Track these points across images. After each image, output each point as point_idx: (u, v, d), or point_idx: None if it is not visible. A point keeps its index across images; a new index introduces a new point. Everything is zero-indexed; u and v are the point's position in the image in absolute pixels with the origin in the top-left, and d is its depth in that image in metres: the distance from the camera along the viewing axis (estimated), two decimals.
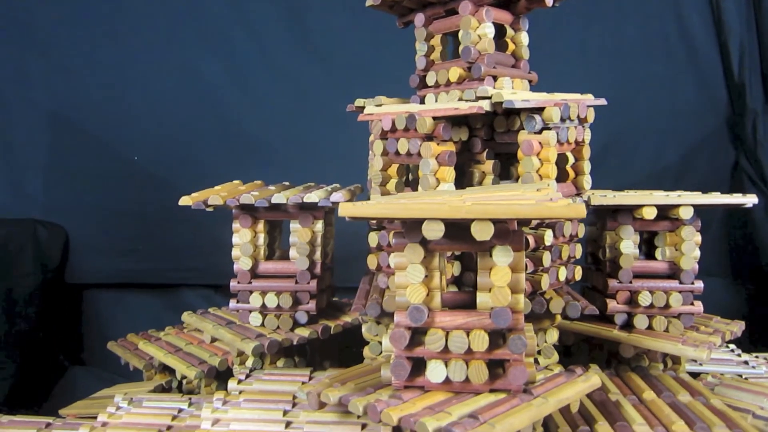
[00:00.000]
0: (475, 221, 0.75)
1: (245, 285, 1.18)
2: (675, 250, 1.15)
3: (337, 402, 0.87)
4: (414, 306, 0.83)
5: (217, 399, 1.01)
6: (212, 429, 0.92)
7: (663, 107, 2.25)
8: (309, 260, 1.16)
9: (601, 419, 0.91)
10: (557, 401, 0.83)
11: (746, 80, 2.16)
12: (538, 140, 1.01)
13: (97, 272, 2.13)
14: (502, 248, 0.80)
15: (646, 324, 1.13)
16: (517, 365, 0.82)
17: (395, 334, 0.83)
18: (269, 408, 0.97)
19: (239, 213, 1.17)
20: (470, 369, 0.82)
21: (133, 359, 1.54)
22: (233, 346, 1.13)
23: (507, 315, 0.81)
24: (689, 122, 2.24)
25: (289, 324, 1.17)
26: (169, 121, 2.14)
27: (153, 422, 1.07)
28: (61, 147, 2.13)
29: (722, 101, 2.24)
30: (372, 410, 0.81)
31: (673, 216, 1.13)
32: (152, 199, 2.13)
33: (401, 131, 1.07)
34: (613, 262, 1.16)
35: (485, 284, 0.83)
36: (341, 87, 2.13)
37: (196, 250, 2.14)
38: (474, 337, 0.82)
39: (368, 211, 0.75)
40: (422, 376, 0.85)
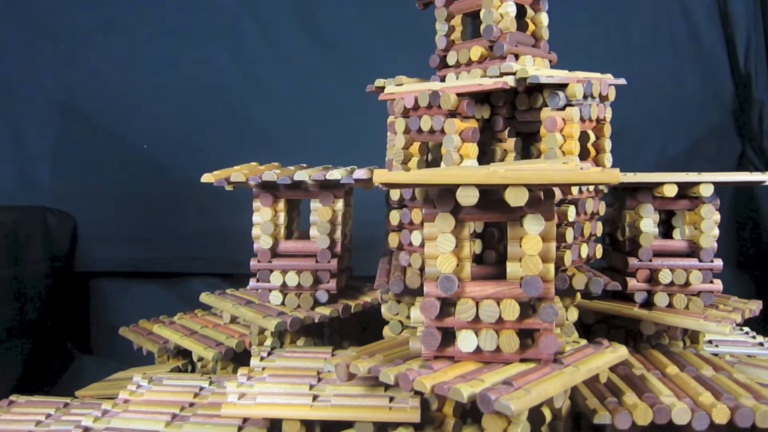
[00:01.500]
0: (509, 187, 0.75)
1: (265, 264, 1.17)
2: (694, 229, 1.15)
3: (367, 372, 0.87)
4: (445, 275, 0.83)
5: (241, 374, 1.01)
6: (239, 402, 0.91)
7: (669, 98, 2.26)
8: (329, 239, 1.16)
9: (628, 391, 0.91)
10: (588, 370, 0.83)
11: (752, 71, 2.17)
12: (562, 117, 1.01)
13: (105, 260, 2.12)
14: (533, 217, 0.80)
15: (667, 302, 1.14)
16: (547, 334, 0.82)
17: (426, 304, 0.83)
18: (295, 382, 0.97)
19: (260, 191, 1.17)
20: (501, 338, 0.83)
21: (147, 343, 1.53)
22: (255, 323, 1.13)
23: (538, 284, 0.81)
24: (695, 113, 2.25)
25: (310, 303, 1.17)
26: (178, 109, 2.14)
27: (175, 399, 1.07)
28: (69, 135, 2.12)
29: (728, 92, 2.25)
30: (404, 379, 0.81)
31: (692, 194, 1.14)
32: (161, 187, 2.13)
33: (424, 108, 1.07)
34: (633, 241, 1.16)
35: (515, 254, 0.83)
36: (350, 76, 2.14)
37: (204, 239, 2.14)
38: (504, 306, 0.82)
39: (403, 178, 0.75)
40: (452, 346, 0.85)
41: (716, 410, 0.87)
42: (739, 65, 2.19)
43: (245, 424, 0.99)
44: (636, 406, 0.87)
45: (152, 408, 1.03)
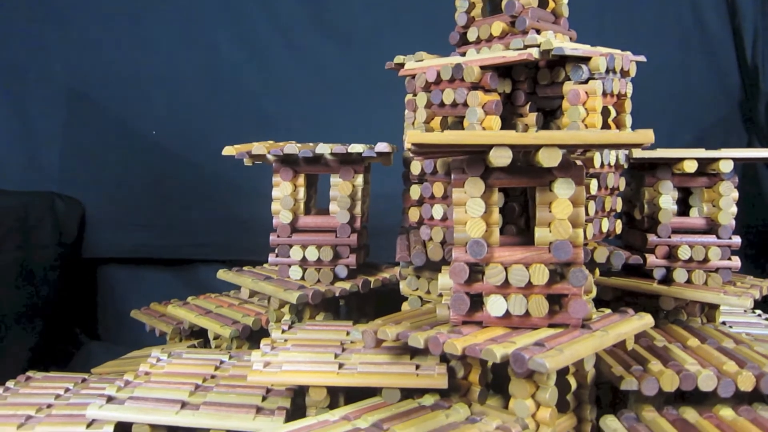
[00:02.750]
0: (543, 148, 0.75)
1: (285, 239, 1.18)
2: (712, 206, 1.16)
3: (395, 338, 0.87)
4: (474, 240, 0.83)
5: (264, 345, 1.00)
6: (264, 370, 0.91)
7: (676, 90, 2.27)
8: (349, 214, 1.16)
9: (653, 359, 0.92)
10: (617, 334, 0.83)
11: (759, 63, 2.19)
12: (585, 90, 1.01)
13: (113, 247, 2.11)
14: (564, 181, 0.81)
15: (686, 278, 1.14)
16: (576, 299, 0.83)
17: (455, 268, 0.84)
18: (319, 351, 0.97)
19: (280, 166, 1.17)
20: (530, 302, 0.83)
21: (160, 324, 1.53)
22: (275, 297, 1.13)
23: (568, 248, 0.81)
24: (702, 105, 2.26)
25: (330, 278, 1.17)
26: (186, 95, 2.14)
27: (196, 371, 1.07)
28: (78, 121, 2.12)
29: (735, 84, 2.26)
30: (434, 342, 0.81)
31: (711, 171, 1.14)
32: (169, 174, 2.13)
33: (446, 82, 1.07)
34: (652, 218, 1.17)
35: (544, 219, 0.83)
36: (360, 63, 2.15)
37: (212, 225, 2.13)
38: (534, 270, 0.82)
39: (437, 138, 0.75)
40: (480, 312, 0.86)
41: (741, 377, 0.87)
42: (746, 57, 2.20)
43: (269, 394, 0.99)
44: (662, 373, 0.87)
45: (174, 379, 1.03)
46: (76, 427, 0.96)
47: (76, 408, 1.03)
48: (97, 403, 0.94)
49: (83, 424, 0.97)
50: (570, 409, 0.91)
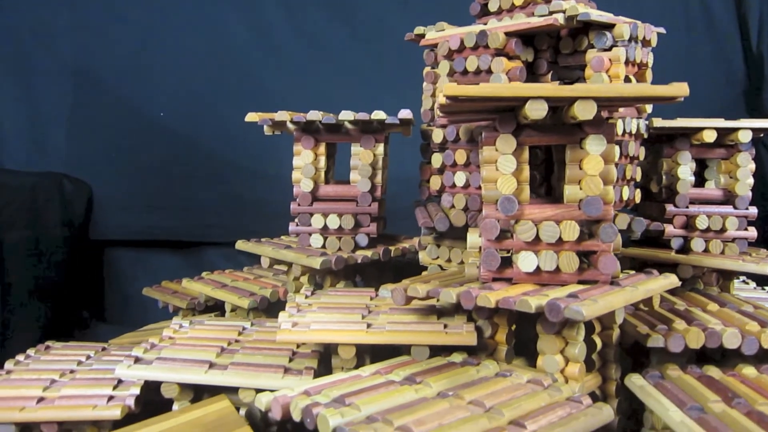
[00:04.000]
0: (578, 100, 0.76)
1: (306, 207, 1.18)
2: (729, 178, 1.17)
3: (425, 295, 0.88)
4: (505, 196, 0.84)
5: (291, 307, 1.01)
6: (293, 329, 0.92)
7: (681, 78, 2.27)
8: (370, 183, 1.17)
9: (677, 319, 0.93)
10: (646, 290, 0.84)
11: (764, 52, 2.21)
12: (608, 57, 1.03)
13: (120, 229, 2.11)
14: (595, 137, 0.82)
15: (703, 247, 1.16)
16: (606, 255, 0.84)
17: (487, 225, 0.84)
18: (346, 312, 0.97)
19: (301, 134, 1.17)
20: (561, 258, 0.84)
21: (174, 300, 1.53)
22: (297, 263, 1.13)
23: (598, 204, 0.82)
24: (707, 93, 2.28)
25: (351, 246, 1.17)
26: (194, 77, 2.14)
27: (220, 336, 1.07)
28: (85, 102, 2.11)
29: (740, 72, 2.28)
30: (466, 296, 0.82)
31: (729, 143, 1.16)
32: (176, 155, 2.13)
33: (470, 49, 1.08)
34: (669, 189, 1.18)
35: (575, 176, 0.84)
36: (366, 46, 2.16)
37: (220, 208, 2.13)
38: (564, 227, 0.83)
39: (474, 90, 0.76)
40: (510, 268, 0.87)
41: (765, 335, 0.88)
42: (752, 46, 2.22)
43: (295, 356, 0.99)
44: (688, 331, 0.88)
45: (199, 342, 1.04)
46: (102, 389, 0.96)
47: (100, 372, 1.03)
48: (126, 363, 0.94)
49: (109, 386, 0.97)
50: (595, 368, 0.93)
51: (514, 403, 0.73)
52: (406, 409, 0.70)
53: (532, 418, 0.70)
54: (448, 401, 0.74)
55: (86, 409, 0.92)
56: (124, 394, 0.95)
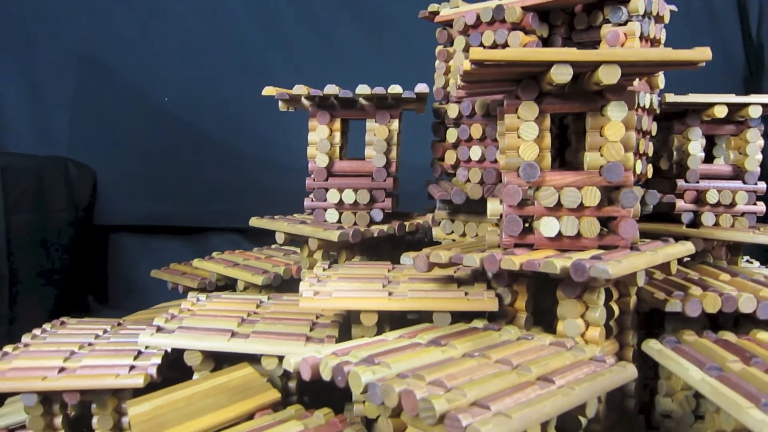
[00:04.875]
0: (603, 65, 0.77)
1: (321, 182, 1.19)
2: (739, 154, 1.19)
3: (448, 260, 0.89)
4: (527, 163, 0.85)
5: (311, 277, 1.02)
6: (315, 297, 0.92)
7: None
8: (385, 158, 1.18)
9: (693, 286, 0.94)
10: (665, 254, 0.86)
11: (764, 40, 2.23)
12: (623, 31, 1.04)
13: (124, 214, 2.11)
14: (617, 103, 0.83)
15: (713, 221, 1.17)
16: (627, 220, 0.85)
17: (509, 190, 0.86)
18: (366, 282, 0.98)
19: (317, 110, 1.18)
20: (582, 223, 0.85)
21: (184, 281, 1.53)
22: (314, 237, 1.14)
23: (619, 170, 0.84)
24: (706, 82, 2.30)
25: (366, 220, 1.18)
26: (198, 62, 2.14)
27: (238, 308, 1.08)
28: (88, 88, 2.11)
29: (740, 61, 2.30)
30: (491, 260, 0.83)
31: (739, 119, 1.17)
32: (181, 141, 2.13)
33: (486, 24, 1.10)
34: (680, 165, 1.20)
35: (596, 143, 0.86)
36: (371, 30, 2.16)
37: (224, 193, 2.14)
38: (586, 192, 0.84)
39: (500, 54, 0.77)
40: (531, 234, 0.88)
41: None
42: (751, 34, 2.24)
43: (315, 326, 1.00)
44: (705, 296, 0.90)
45: (219, 314, 1.04)
46: (123, 360, 0.97)
47: (119, 345, 1.04)
48: (148, 332, 0.95)
49: (130, 356, 0.98)
50: (613, 335, 0.94)
51: (541, 361, 0.74)
52: (435, 367, 0.71)
53: (559, 374, 0.71)
54: (476, 360, 0.75)
55: (109, 377, 0.93)
56: (146, 363, 0.96)
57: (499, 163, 1.06)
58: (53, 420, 1.00)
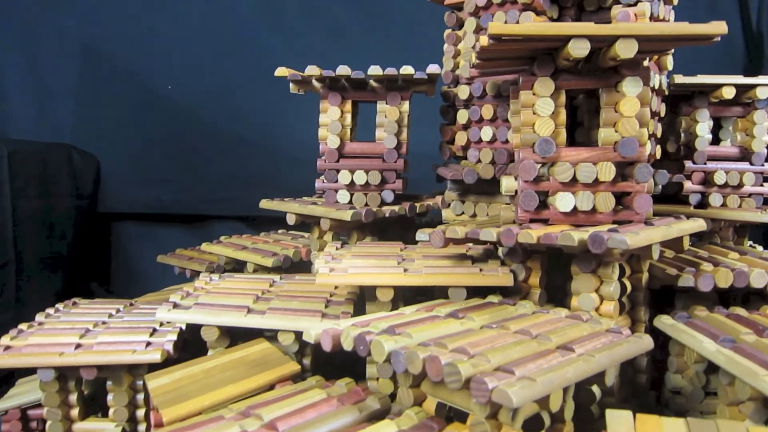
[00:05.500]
0: (620, 39, 0.78)
1: (332, 164, 1.19)
2: (746, 135, 1.20)
3: (464, 235, 0.89)
4: (543, 138, 0.86)
5: (325, 255, 1.02)
6: (331, 274, 0.93)
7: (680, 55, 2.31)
8: (396, 139, 1.19)
9: (703, 263, 0.96)
10: (679, 229, 0.87)
11: (764, 30, 2.25)
12: (634, 12, 1.05)
13: (127, 202, 2.11)
14: (632, 79, 0.84)
15: (721, 202, 1.19)
16: (641, 194, 0.86)
17: (525, 166, 0.87)
18: (381, 258, 0.99)
19: (328, 92, 1.18)
20: (597, 198, 0.86)
21: (192, 265, 1.53)
22: (326, 217, 1.14)
23: (634, 145, 0.85)
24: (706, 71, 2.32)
25: (377, 201, 1.19)
26: (202, 50, 2.13)
27: (252, 287, 1.08)
28: (92, 76, 2.11)
29: (739, 51, 2.32)
30: (507, 234, 0.84)
31: (746, 100, 1.19)
32: (185, 129, 2.13)
33: (496, 5, 1.10)
34: (687, 147, 1.21)
35: (610, 119, 0.87)
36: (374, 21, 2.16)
37: (228, 181, 2.14)
38: (601, 167, 0.85)
39: (517, 29, 0.78)
40: (546, 210, 0.89)
41: None
42: (751, 24, 2.26)
43: (329, 304, 1.01)
44: (717, 271, 0.91)
45: (233, 291, 1.05)
46: (139, 336, 0.97)
47: (133, 323, 1.04)
48: (165, 308, 0.95)
49: (146, 333, 0.98)
50: (625, 310, 0.95)
51: (560, 331, 0.75)
52: (456, 336, 0.72)
53: (578, 343, 0.72)
54: (495, 331, 0.76)
55: (126, 353, 0.93)
56: (162, 340, 0.96)
57: (512, 142, 1.07)
58: (68, 397, 1.00)
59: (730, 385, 0.84)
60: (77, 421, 1.01)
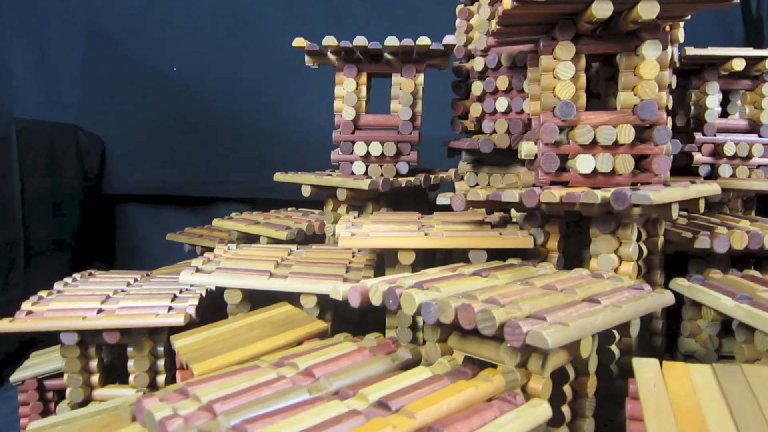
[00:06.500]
0: (642, 0, 0.80)
1: (348, 135, 1.20)
2: (754, 108, 1.23)
3: (486, 198, 0.91)
4: (564, 102, 0.87)
5: (345, 221, 1.03)
6: (353, 237, 0.94)
7: None
8: (411, 111, 1.20)
9: (717, 227, 0.98)
10: (697, 190, 0.89)
11: (764, 16, 2.27)
12: None
13: (132, 184, 2.10)
14: (651, 42, 0.86)
15: (730, 173, 1.21)
16: (660, 156, 0.88)
17: (546, 128, 0.88)
18: (401, 224, 1.00)
19: (343, 64, 1.19)
20: (617, 160, 0.88)
21: (203, 242, 1.54)
22: (343, 187, 1.15)
23: (653, 107, 0.86)
24: None
25: (393, 172, 1.20)
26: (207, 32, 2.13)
27: (271, 254, 1.09)
28: (97, 57, 2.10)
29: (739, 36, 2.34)
30: (530, 195, 0.86)
31: (755, 73, 1.21)
32: (190, 112, 2.12)
33: None
34: (697, 119, 1.23)
35: (629, 83, 0.88)
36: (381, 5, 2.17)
37: (233, 164, 2.14)
38: (620, 129, 0.87)
39: None
40: (566, 172, 0.90)
41: None
42: (751, 9, 2.28)
43: (349, 270, 1.02)
44: (732, 233, 0.93)
45: (254, 258, 1.06)
46: (160, 301, 0.98)
47: (153, 290, 1.05)
48: (188, 271, 0.96)
49: (167, 298, 0.99)
50: (641, 274, 0.97)
51: (584, 286, 0.76)
52: (485, 290, 0.74)
53: (603, 296, 0.74)
54: (521, 286, 0.77)
55: (149, 316, 0.94)
56: (183, 305, 0.97)
57: (528, 111, 1.08)
58: (89, 363, 1.01)
59: (747, 342, 0.86)
60: (98, 387, 1.02)
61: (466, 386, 0.60)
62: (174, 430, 0.52)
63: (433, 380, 0.62)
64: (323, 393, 0.61)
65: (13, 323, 0.94)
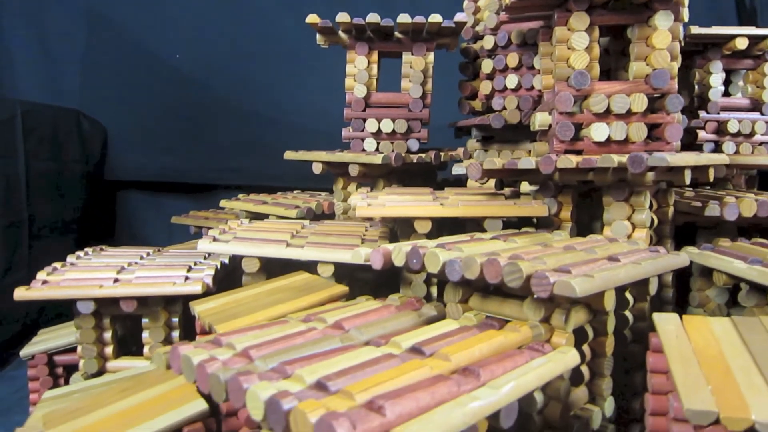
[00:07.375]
0: None
1: (359, 113, 1.21)
2: (756, 87, 1.25)
3: (502, 166, 0.92)
4: (578, 71, 0.89)
5: (360, 193, 1.04)
6: (369, 207, 0.95)
7: None
8: (422, 89, 1.21)
9: (726, 197, 1.00)
10: (708, 158, 0.91)
11: (757, 6, 2.31)
12: None
13: (134, 170, 2.10)
14: (664, 13, 0.88)
15: (734, 150, 1.23)
16: (673, 125, 0.90)
17: (561, 97, 0.90)
18: (416, 195, 1.01)
19: (355, 42, 1.20)
20: (630, 128, 0.90)
21: (209, 223, 1.54)
22: (355, 162, 1.16)
23: (666, 76, 0.88)
24: None
25: (404, 149, 1.21)
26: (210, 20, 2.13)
27: (284, 228, 1.10)
28: (99, 43, 2.09)
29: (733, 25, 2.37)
30: (546, 162, 0.87)
31: (756, 53, 1.23)
32: (192, 98, 2.12)
33: None
34: (701, 98, 1.26)
35: (642, 53, 0.90)
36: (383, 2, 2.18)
37: (235, 151, 2.14)
38: (634, 98, 0.89)
39: None
40: (580, 141, 0.92)
41: None
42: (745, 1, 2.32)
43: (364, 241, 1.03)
44: (741, 200, 0.95)
45: (269, 229, 1.06)
46: (176, 271, 0.98)
47: (168, 262, 1.05)
48: (206, 240, 0.97)
49: (183, 268, 0.99)
50: (652, 243, 0.99)
51: (603, 247, 0.78)
52: (507, 249, 0.75)
53: (622, 255, 0.75)
54: (541, 247, 0.79)
55: (166, 285, 0.94)
56: (200, 275, 0.98)
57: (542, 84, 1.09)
58: (103, 334, 1.01)
59: (758, 306, 0.88)
60: (111, 359, 1.02)
61: (496, 335, 0.62)
62: (214, 371, 0.53)
63: (463, 330, 0.63)
64: (355, 342, 0.62)
65: (29, 291, 0.95)
